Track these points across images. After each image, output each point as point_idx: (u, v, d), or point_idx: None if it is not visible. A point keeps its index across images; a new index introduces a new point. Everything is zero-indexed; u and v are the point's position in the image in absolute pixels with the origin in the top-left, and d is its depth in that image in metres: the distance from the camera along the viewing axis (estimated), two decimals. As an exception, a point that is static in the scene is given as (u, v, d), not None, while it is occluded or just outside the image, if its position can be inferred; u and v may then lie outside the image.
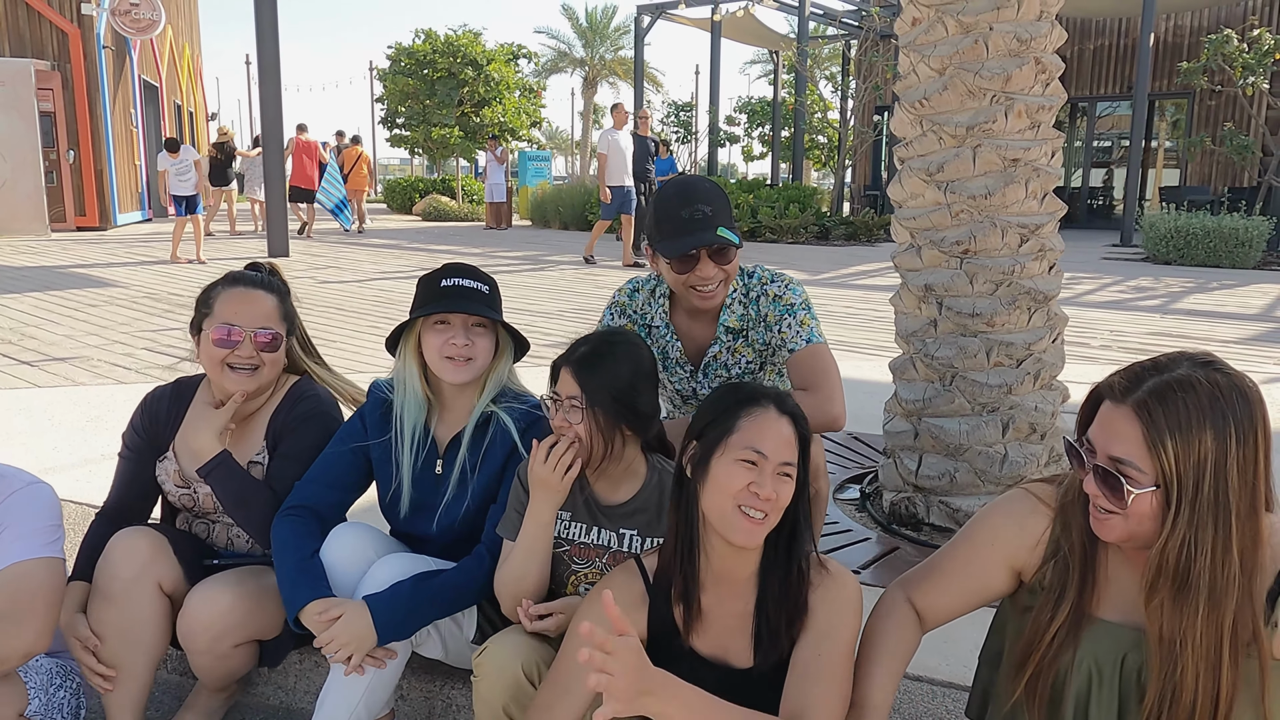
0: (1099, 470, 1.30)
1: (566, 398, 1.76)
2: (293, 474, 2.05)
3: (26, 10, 15.22)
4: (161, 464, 2.17)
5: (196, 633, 1.90)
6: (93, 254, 12.06)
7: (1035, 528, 1.46)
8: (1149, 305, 8.48)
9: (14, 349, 5.88)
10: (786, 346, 2.20)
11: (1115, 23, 19.19)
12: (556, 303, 8.30)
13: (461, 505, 1.99)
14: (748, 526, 1.47)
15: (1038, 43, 2.73)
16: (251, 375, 2.05)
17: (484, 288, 1.97)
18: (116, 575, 1.93)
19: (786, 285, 2.26)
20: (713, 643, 1.56)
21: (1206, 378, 1.26)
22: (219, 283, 2.14)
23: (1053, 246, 2.87)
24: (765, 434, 1.49)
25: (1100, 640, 1.39)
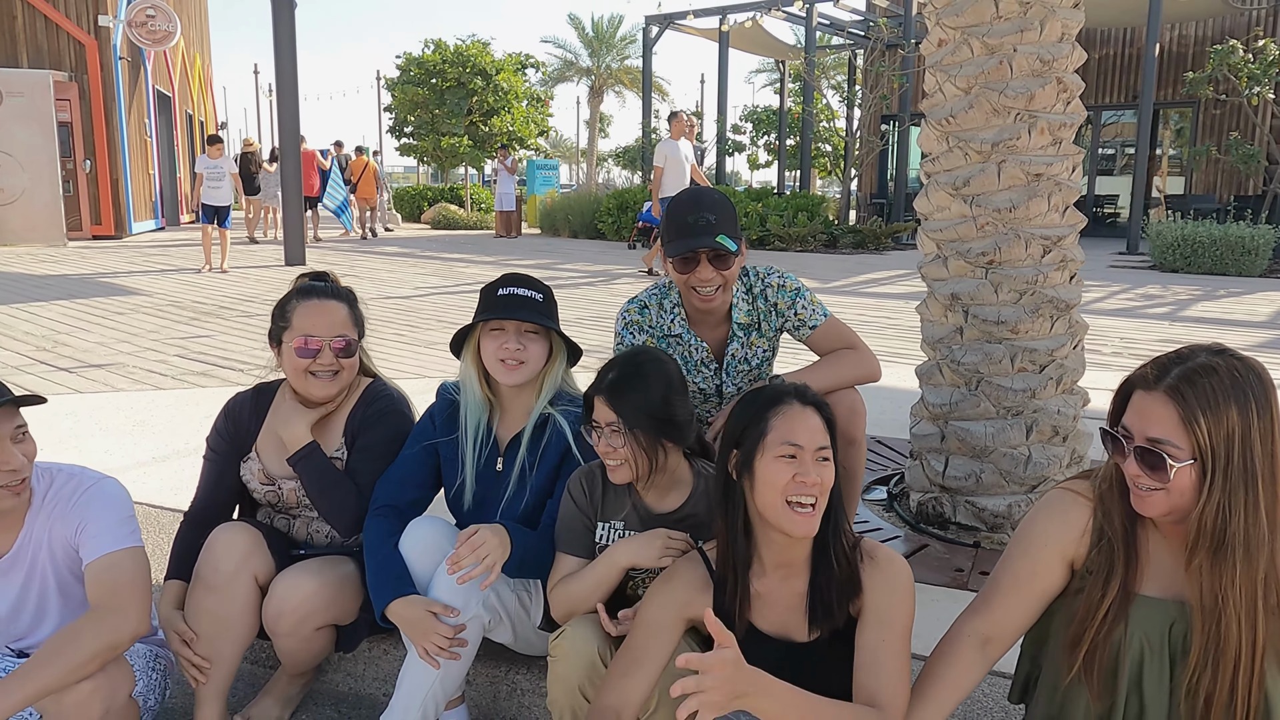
0: (1141, 451, 1.45)
1: (605, 425, 1.87)
2: (369, 467, 2.19)
3: (45, 22, 15.44)
4: (245, 464, 2.31)
5: (283, 616, 2.04)
6: (111, 262, 12.23)
7: (1079, 519, 1.59)
8: (1158, 313, 8.60)
9: (50, 356, 6.03)
10: (807, 324, 2.46)
11: (1121, 32, 19.35)
12: (574, 310, 8.43)
13: (521, 501, 2.13)
14: (800, 518, 1.59)
15: (1059, 63, 2.87)
16: (333, 380, 2.19)
17: (538, 296, 2.11)
18: (219, 568, 2.06)
19: (783, 275, 2.50)
20: (774, 621, 1.69)
21: (1225, 362, 1.43)
22: (293, 295, 2.27)
23: (1074, 257, 3.00)
24: (796, 426, 1.62)
25: (1147, 614, 1.52)
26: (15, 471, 1.82)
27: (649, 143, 21.05)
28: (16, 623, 2.00)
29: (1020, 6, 2.84)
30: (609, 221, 18.19)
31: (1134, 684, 1.52)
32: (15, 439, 1.82)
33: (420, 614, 1.92)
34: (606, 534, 1.97)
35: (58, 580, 1.99)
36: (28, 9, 15.34)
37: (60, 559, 1.97)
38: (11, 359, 5.92)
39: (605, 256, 14.60)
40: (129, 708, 1.90)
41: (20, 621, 2.00)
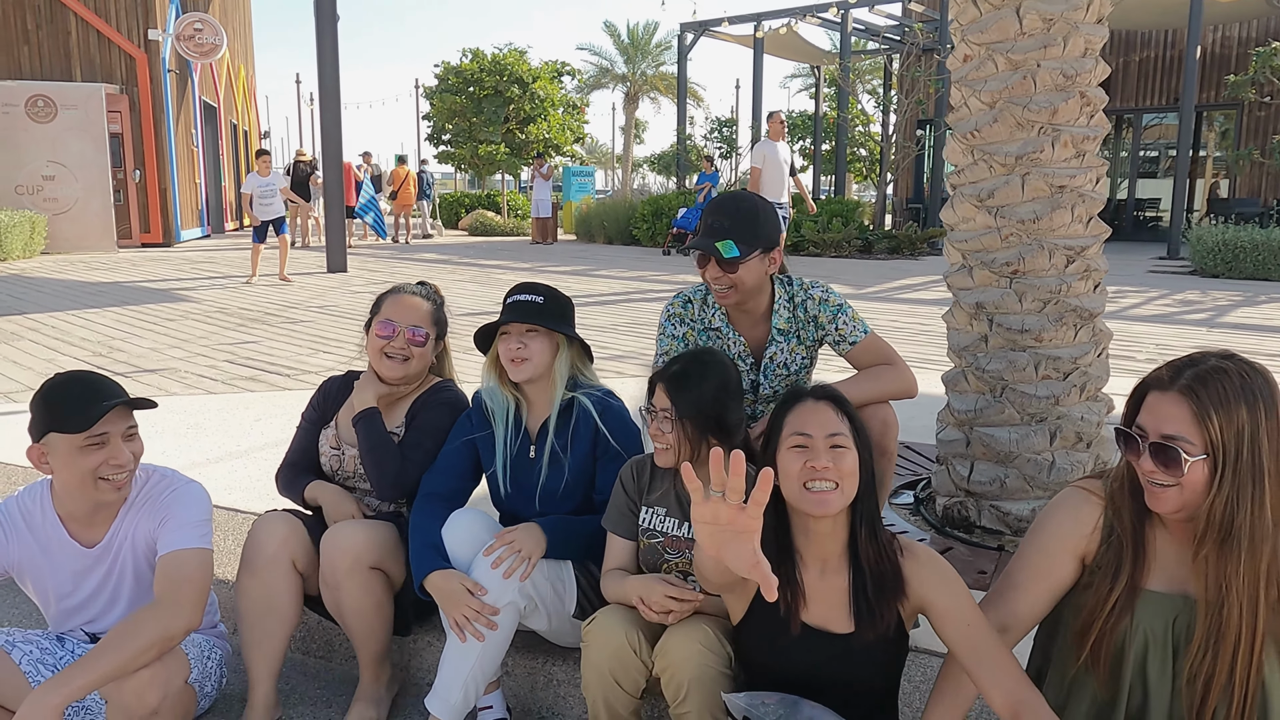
0: (1156, 447, 1.55)
1: (660, 410, 2.04)
2: (419, 444, 2.44)
3: (97, 36, 15.94)
4: (324, 432, 2.60)
5: (337, 559, 2.23)
6: (161, 270, 12.59)
7: (1091, 516, 1.70)
8: (1195, 319, 8.54)
9: (105, 361, 6.27)
10: (847, 340, 2.54)
11: (1161, 34, 19.14)
12: (610, 316, 8.57)
13: (559, 482, 2.31)
14: (815, 498, 1.70)
15: (1082, 78, 2.93)
16: (403, 364, 2.45)
17: (538, 299, 2.31)
18: (259, 551, 2.29)
19: (826, 289, 2.59)
20: (816, 614, 1.79)
21: (1234, 365, 1.54)
22: (390, 291, 2.58)
23: (1097, 267, 3.05)
24: (805, 418, 1.75)
25: (1152, 608, 1.62)
26: (122, 467, 2.00)
27: (684, 149, 21.17)
28: (92, 606, 2.16)
29: (1044, 23, 2.91)
30: (644, 228, 18.33)
31: (1138, 674, 1.61)
32: (126, 437, 2.00)
33: (455, 586, 2.11)
34: (648, 518, 2.13)
35: (135, 570, 2.15)
36: (81, 24, 15.85)
37: (141, 551, 2.13)
38: (69, 364, 6.17)
39: (641, 263, 14.73)
40: (185, 693, 2.05)
41: (95, 605, 2.16)
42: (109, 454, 1.97)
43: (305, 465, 2.62)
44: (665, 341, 2.60)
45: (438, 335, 2.56)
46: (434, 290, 2.63)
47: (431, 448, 2.44)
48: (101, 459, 1.97)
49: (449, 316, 2.65)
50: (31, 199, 15.19)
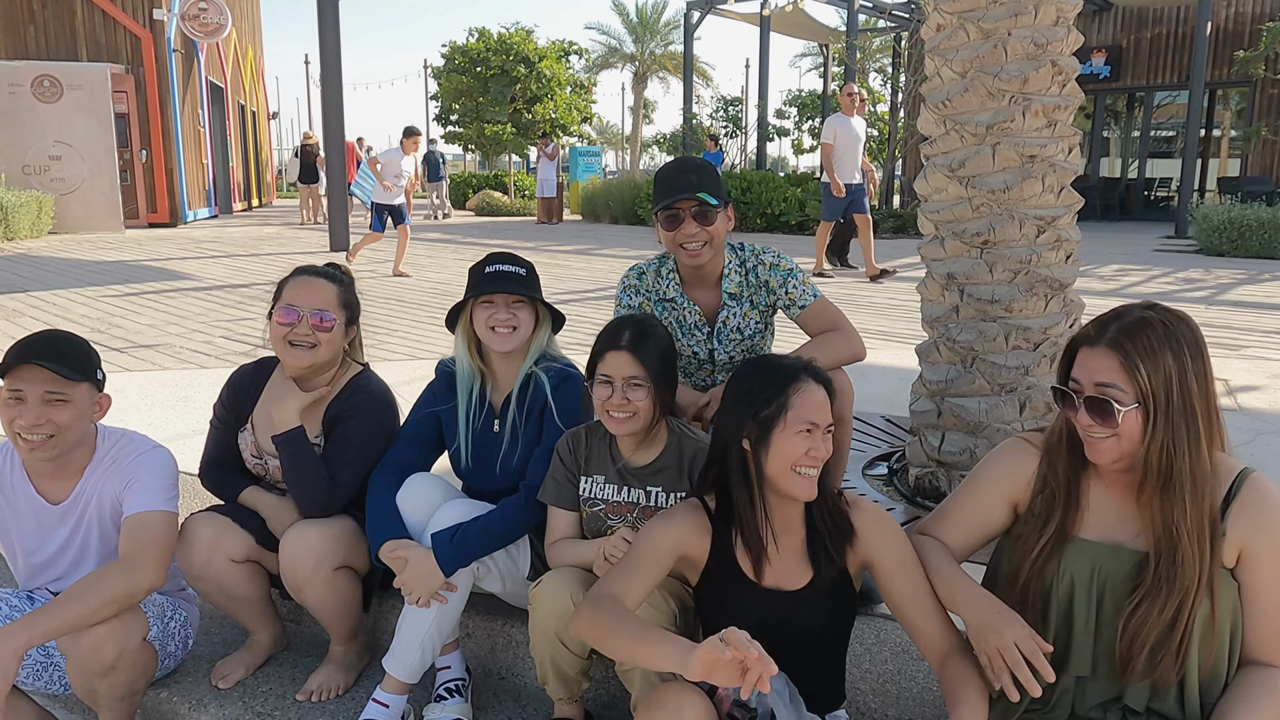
0: (1090, 400, 1.58)
1: (626, 379, 2.01)
2: (344, 457, 2.33)
3: (103, 16, 15.96)
4: (242, 434, 2.48)
5: (298, 565, 2.21)
6: (166, 249, 12.67)
7: (1027, 466, 1.75)
8: (1195, 296, 8.48)
9: (103, 337, 6.33)
10: (797, 304, 2.59)
11: (1173, 10, 18.88)
12: (608, 293, 8.58)
13: (515, 455, 2.32)
14: (805, 482, 1.76)
15: (1054, 46, 2.92)
16: (309, 351, 2.31)
17: (521, 270, 2.31)
18: (193, 561, 2.27)
19: (778, 254, 2.62)
20: (774, 575, 1.83)
21: (1157, 315, 1.59)
22: (291, 274, 2.43)
23: (1069, 237, 3.05)
24: (813, 407, 1.77)
25: (1081, 555, 1.67)
26: (31, 428, 2.01)
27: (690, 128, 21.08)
28: (59, 563, 2.21)
29: (1015, -9, 2.89)
30: (648, 208, 18.25)
31: (1063, 616, 1.67)
32: (45, 401, 2.01)
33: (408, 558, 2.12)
34: (588, 487, 2.14)
35: (100, 529, 2.20)
36: (86, 5, 15.88)
37: (107, 510, 2.18)
38: (68, 340, 6.23)
39: (644, 242, 14.72)
40: (143, 651, 2.09)
41: (62, 562, 2.21)
42: (19, 412, 2.00)
43: (231, 464, 2.49)
44: (621, 313, 2.63)
45: (348, 320, 2.40)
46: (343, 271, 2.47)
47: (357, 460, 2.32)
48: (13, 414, 2.01)
49: (359, 299, 2.48)
50: (39, 179, 15.28)
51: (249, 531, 2.32)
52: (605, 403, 2.03)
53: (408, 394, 2.56)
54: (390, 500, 2.23)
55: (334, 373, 2.42)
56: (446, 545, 2.11)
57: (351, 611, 2.34)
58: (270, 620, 2.46)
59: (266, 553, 2.32)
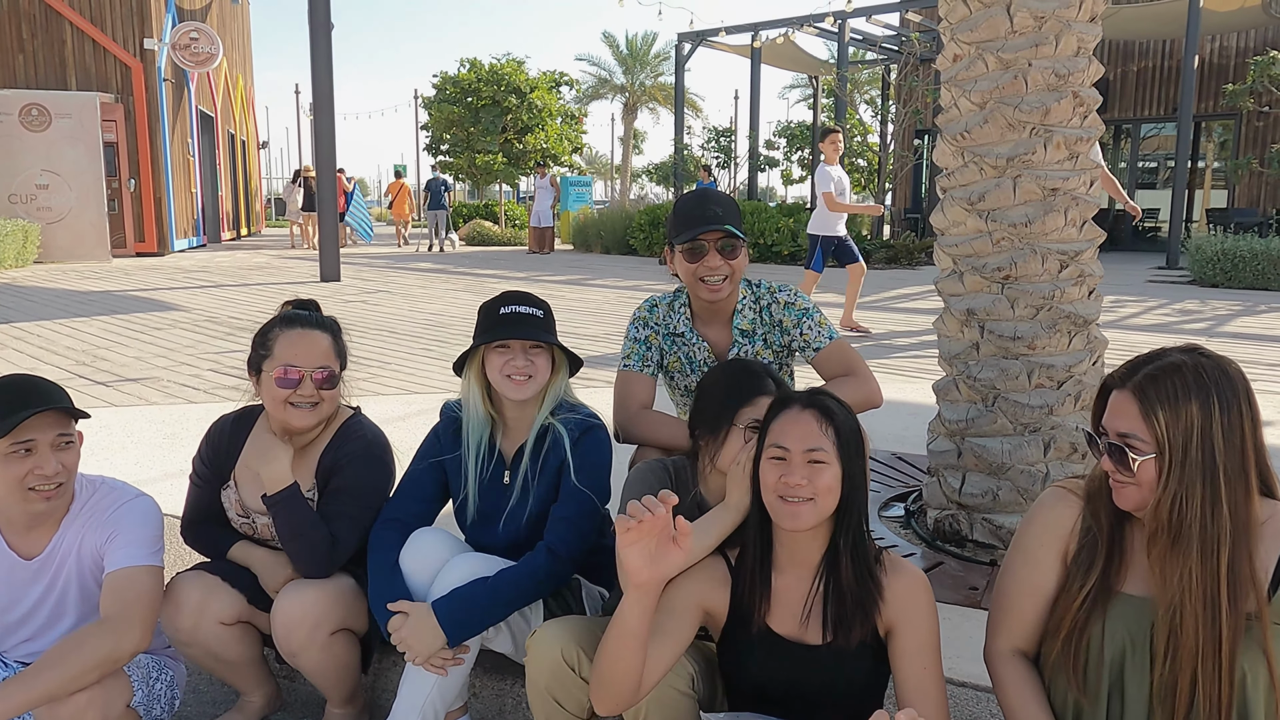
0: (1110, 446, 1.51)
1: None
2: (344, 510, 2.16)
3: (93, 46, 15.90)
4: (225, 492, 2.31)
5: (292, 630, 2.05)
6: (154, 279, 12.51)
7: (1070, 515, 1.64)
8: (1194, 329, 8.45)
9: (89, 370, 6.18)
10: (812, 346, 2.50)
11: (1159, 44, 19.11)
12: (600, 325, 8.48)
13: (525, 511, 2.16)
14: (789, 510, 1.63)
15: (1075, 77, 2.85)
16: (312, 411, 2.16)
17: (539, 313, 2.15)
18: (180, 626, 2.11)
19: (791, 293, 2.54)
20: (789, 624, 1.71)
21: (1191, 360, 1.48)
22: (276, 323, 2.23)
23: (1092, 272, 2.96)
24: (788, 430, 1.66)
25: (1128, 611, 1.54)
26: (49, 478, 1.88)
27: (682, 159, 21.13)
28: (31, 622, 2.05)
29: (1035, 21, 2.82)
30: (640, 237, 18.27)
31: (1115, 681, 1.55)
32: (56, 446, 1.89)
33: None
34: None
35: (80, 585, 2.05)
36: (77, 33, 15.81)
37: (87, 565, 2.03)
38: (52, 373, 6.08)
39: (636, 272, 14.66)
40: (127, 717, 1.94)
41: (35, 621, 2.05)
42: (35, 463, 1.87)
43: (215, 519, 2.32)
44: (628, 344, 2.58)
45: (341, 366, 2.24)
46: (329, 317, 2.30)
47: (358, 514, 2.16)
48: (27, 468, 1.86)
49: (348, 343, 2.31)
50: (25, 208, 15.13)
51: (239, 590, 2.16)
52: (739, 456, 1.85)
53: (400, 431, 2.43)
54: (393, 561, 2.07)
55: (326, 422, 2.27)
56: (453, 612, 1.96)
57: (350, 675, 2.20)
58: (263, 680, 2.30)
59: (258, 613, 2.17)
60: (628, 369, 2.56)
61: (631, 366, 2.56)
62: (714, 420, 1.93)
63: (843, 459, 1.65)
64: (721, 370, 2.03)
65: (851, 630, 1.67)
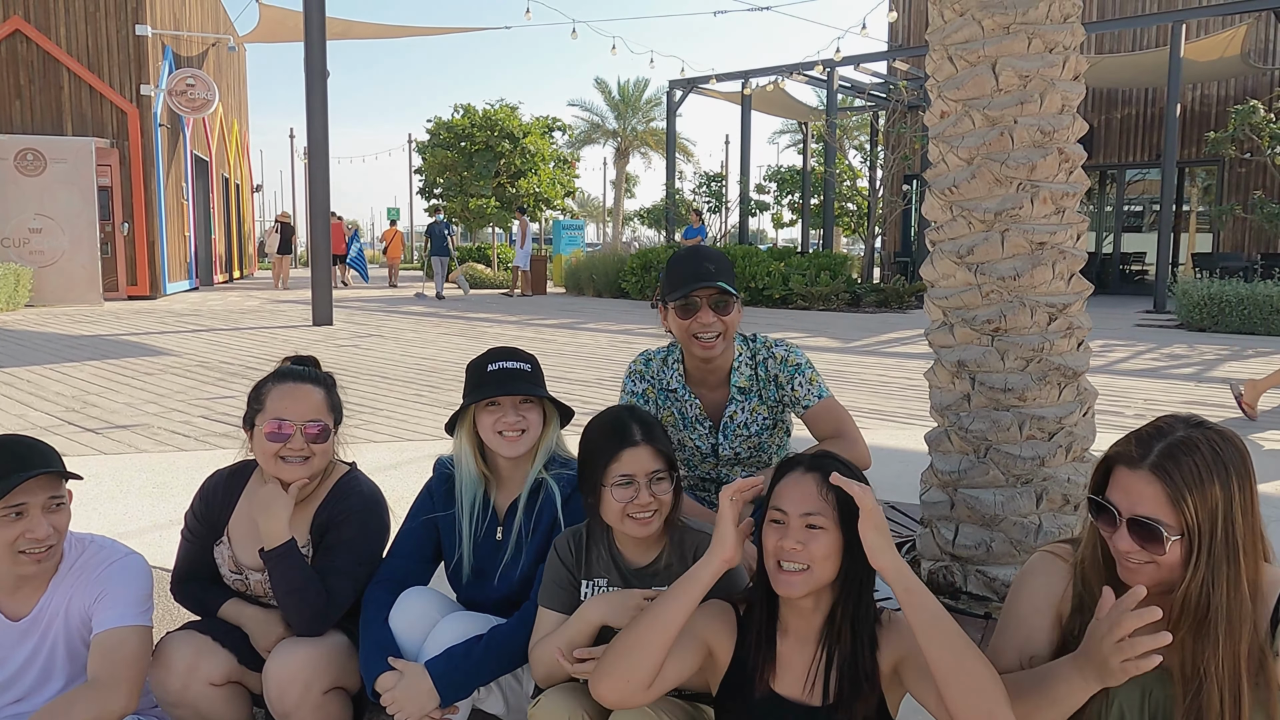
0: (1134, 525, 1.46)
1: (649, 474, 1.85)
2: (337, 566, 2.14)
3: (90, 91, 16.04)
4: (218, 548, 2.28)
5: (286, 689, 2.01)
6: (145, 323, 12.49)
7: (1060, 581, 1.63)
8: (1183, 373, 8.50)
9: (78, 417, 6.14)
10: (801, 403, 2.49)
11: (1142, 92, 19.48)
12: (593, 370, 8.49)
13: (518, 567, 2.14)
14: (784, 579, 1.62)
15: (1060, 134, 2.90)
16: (303, 465, 2.14)
17: (526, 367, 2.16)
18: (169, 688, 2.06)
19: (789, 349, 2.53)
20: (793, 688, 1.69)
21: (1204, 436, 1.46)
22: (269, 379, 2.23)
23: (1080, 324, 2.99)
24: (786, 492, 1.65)
25: (1125, 683, 1.51)
26: (40, 541, 1.87)
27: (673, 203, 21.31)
28: (20, 684, 2.02)
29: (1020, 80, 2.88)
30: (633, 281, 18.36)
31: None
32: (48, 509, 1.87)
33: None
34: (591, 592, 1.97)
35: (68, 646, 2.02)
36: (74, 79, 15.96)
37: (75, 626, 2.00)
38: (41, 419, 6.05)
39: (628, 316, 14.71)
40: None
41: (23, 682, 2.02)
42: (26, 526, 1.85)
43: (206, 576, 2.29)
44: (624, 398, 2.59)
45: (335, 421, 2.22)
46: (324, 373, 2.28)
47: (353, 570, 2.14)
48: (18, 532, 1.85)
49: (342, 398, 2.29)
50: (17, 251, 15.14)
51: (230, 650, 2.13)
52: (631, 505, 1.86)
53: (392, 479, 2.42)
54: (384, 625, 2.05)
55: (321, 477, 2.26)
56: (447, 672, 1.94)
57: None
58: None
59: (249, 673, 2.14)
60: None
61: None
62: (589, 482, 1.90)
63: (844, 526, 1.62)
64: (593, 427, 1.96)
65: (854, 704, 1.65)
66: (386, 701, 1.94)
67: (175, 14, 18.13)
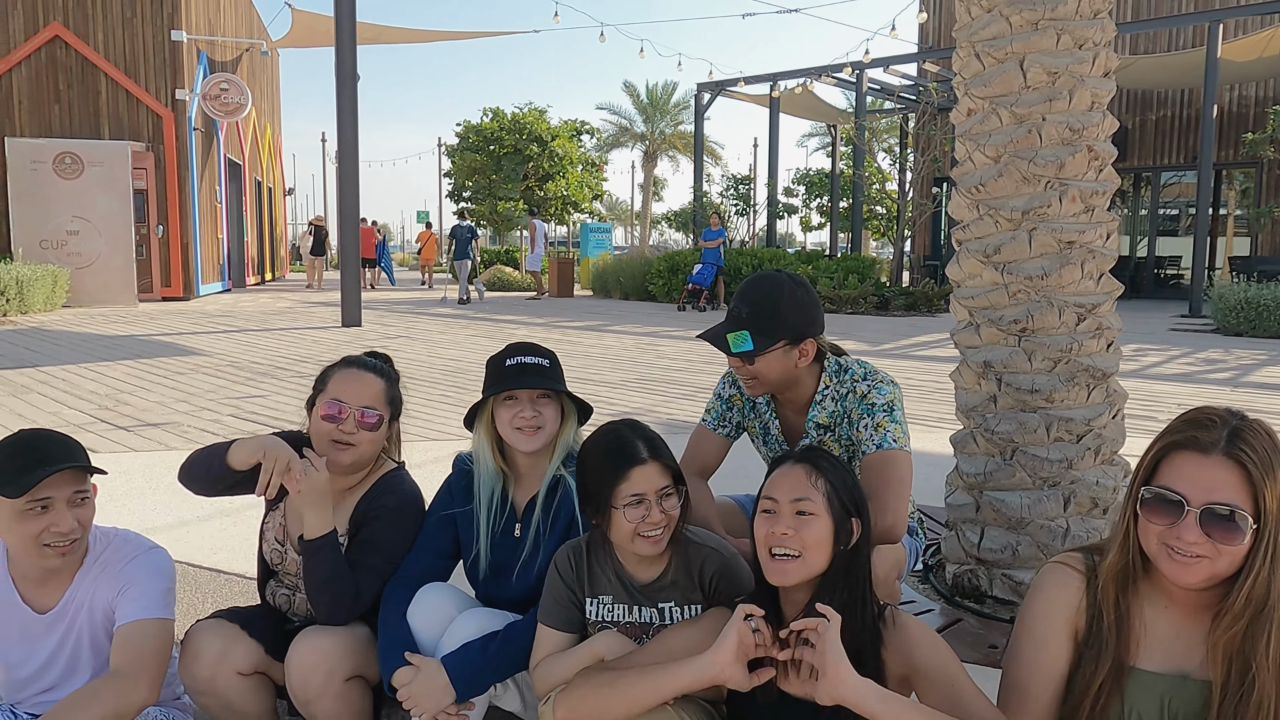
0: (1209, 515, 1.38)
1: (657, 492, 1.83)
2: (370, 562, 2.15)
3: (126, 96, 16.31)
4: (271, 515, 2.31)
5: (308, 676, 2.02)
6: (178, 324, 12.67)
7: (1075, 593, 1.57)
8: (1219, 378, 8.34)
9: (110, 415, 6.23)
10: (861, 448, 2.24)
11: (1178, 94, 19.18)
12: (619, 372, 8.48)
13: (536, 563, 2.14)
14: (776, 567, 1.63)
15: (1090, 131, 2.86)
16: (349, 450, 2.16)
17: (545, 362, 2.15)
18: (197, 676, 2.07)
19: (874, 384, 2.29)
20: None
21: (1256, 424, 1.41)
22: (336, 364, 2.27)
23: (1110, 325, 2.94)
24: (776, 481, 1.67)
25: (1143, 688, 1.49)
26: (65, 535, 1.89)
27: (700, 206, 21.30)
28: (47, 675, 2.05)
29: (1049, 76, 2.84)
30: (659, 284, 18.36)
31: None
32: (73, 503, 1.90)
33: None
34: (596, 610, 1.94)
35: (92, 638, 2.05)
36: (111, 84, 16.23)
37: (99, 619, 2.03)
38: (74, 417, 6.14)
39: (655, 318, 14.70)
40: None
41: (51, 674, 2.05)
42: (50, 520, 1.87)
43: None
44: (712, 399, 2.54)
45: (391, 416, 2.24)
46: (389, 364, 2.31)
47: (381, 567, 2.15)
48: (43, 525, 1.87)
49: (403, 395, 2.32)
50: (55, 253, 15.42)
51: (258, 640, 2.15)
52: (642, 524, 1.83)
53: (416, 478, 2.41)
54: (401, 620, 2.06)
55: (369, 469, 2.28)
56: (463, 667, 1.93)
57: None
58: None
59: (274, 663, 2.16)
60: (704, 424, 2.54)
61: (707, 423, 2.53)
62: (596, 504, 1.87)
63: (833, 513, 1.64)
64: (594, 445, 1.91)
65: None
66: (402, 696, 1.94)
67: (210, 20, 18.40)
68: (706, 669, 1.61)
